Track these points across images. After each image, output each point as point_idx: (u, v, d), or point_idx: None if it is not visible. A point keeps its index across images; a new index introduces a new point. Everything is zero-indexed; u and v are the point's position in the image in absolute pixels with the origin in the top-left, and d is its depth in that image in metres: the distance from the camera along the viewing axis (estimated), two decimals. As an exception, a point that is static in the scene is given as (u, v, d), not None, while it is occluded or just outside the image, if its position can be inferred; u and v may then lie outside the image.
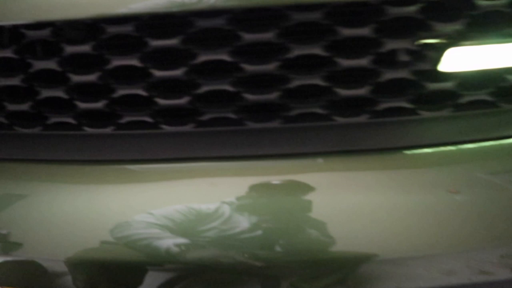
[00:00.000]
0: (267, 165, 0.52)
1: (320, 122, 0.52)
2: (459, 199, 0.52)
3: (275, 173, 0.51)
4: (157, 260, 0.49)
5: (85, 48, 0.50)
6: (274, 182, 0.51)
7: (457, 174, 0.54)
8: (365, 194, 0.51)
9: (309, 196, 0.50)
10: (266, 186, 0.51)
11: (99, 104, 0.52)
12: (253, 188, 0.50)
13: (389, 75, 0.51)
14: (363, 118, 0.53)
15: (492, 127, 0.57)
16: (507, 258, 0.52)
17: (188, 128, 0.52)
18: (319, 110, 0.52)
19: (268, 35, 0.48)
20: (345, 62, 0.50)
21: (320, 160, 0.52)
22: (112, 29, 0.49)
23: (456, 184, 0.53)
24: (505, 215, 0.52)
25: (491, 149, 0.57)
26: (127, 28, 0.48)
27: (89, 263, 0.49)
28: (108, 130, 0.53)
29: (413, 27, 0.50)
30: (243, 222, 0.48)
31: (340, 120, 0.52)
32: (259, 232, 0.48)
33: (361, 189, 0.51)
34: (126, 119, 0.52)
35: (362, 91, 0.51)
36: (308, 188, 0.50)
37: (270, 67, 0.49)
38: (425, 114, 0.54)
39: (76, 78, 0.51)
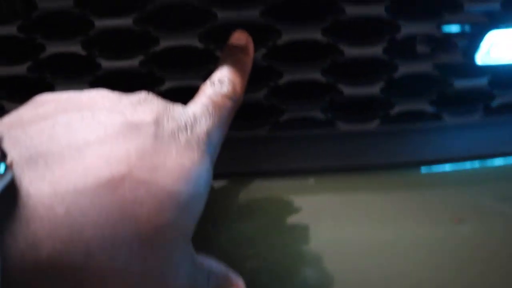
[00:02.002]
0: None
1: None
2: (490, 233, 0.41)
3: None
4: None
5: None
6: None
7: (483, 198, 0.43)
8: (368, 225, 0.40)
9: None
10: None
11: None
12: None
13: (406, 68, 0.40)
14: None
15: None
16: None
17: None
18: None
19: None
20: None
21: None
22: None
23: (481, 214, 0.42)
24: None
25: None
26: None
27: None
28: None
29: (438, 6, 0.39)
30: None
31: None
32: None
33: (364, 218, 0.40)
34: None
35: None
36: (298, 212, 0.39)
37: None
38: (451, 120, 0.43)
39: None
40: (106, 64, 0.38)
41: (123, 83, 0.39)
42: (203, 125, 0.27)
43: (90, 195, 0.21)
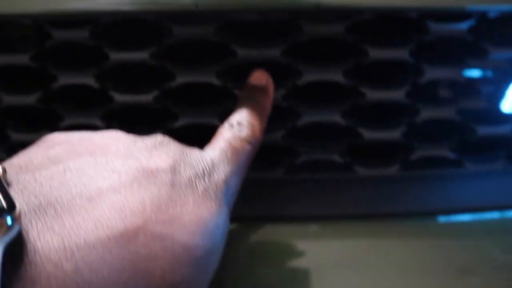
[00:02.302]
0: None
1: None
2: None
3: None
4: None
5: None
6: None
7: (499, 250, 0.41)
8: (381, 274, 0.38)
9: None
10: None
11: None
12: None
13: (428, 113, 0.39)
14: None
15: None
16: None
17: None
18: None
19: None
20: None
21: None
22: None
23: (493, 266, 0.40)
24: None
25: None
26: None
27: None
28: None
29: (462, 51, 0.38)
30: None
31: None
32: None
33: (378, 267, 0.38)
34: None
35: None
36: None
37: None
38: (472, 167, 0.41)
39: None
40: (119, 97, 0.37)
41: (136, 118, 0.38)
42: (221, 172, 0.26)
43: (101, 249, 0.19)
